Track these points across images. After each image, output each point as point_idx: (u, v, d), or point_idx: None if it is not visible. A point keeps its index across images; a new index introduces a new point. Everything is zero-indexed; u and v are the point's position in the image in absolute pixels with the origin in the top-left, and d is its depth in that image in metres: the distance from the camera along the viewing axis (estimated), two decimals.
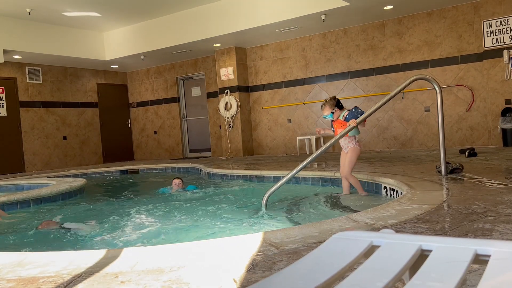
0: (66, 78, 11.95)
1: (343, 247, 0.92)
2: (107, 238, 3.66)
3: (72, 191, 6.08)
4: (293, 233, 2.37)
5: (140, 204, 5.25)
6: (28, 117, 11.05)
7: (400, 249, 0.85)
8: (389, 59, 9.19)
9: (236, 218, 3.98)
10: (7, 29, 9.45)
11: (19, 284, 1.88)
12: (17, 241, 3.78)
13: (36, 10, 9.08)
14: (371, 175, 4.84)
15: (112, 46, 11.38)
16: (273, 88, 10.79)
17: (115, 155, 12.97)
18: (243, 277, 1.74)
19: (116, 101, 13.24)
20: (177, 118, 12.62)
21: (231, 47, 10.78)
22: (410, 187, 3.69)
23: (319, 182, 5.64)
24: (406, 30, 8.96)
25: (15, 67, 10.80)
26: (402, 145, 9.18)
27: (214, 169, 7.42)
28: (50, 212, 5.04)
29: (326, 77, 10.00)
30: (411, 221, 2.51)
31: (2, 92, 10.60)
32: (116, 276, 1.88)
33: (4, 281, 1.94)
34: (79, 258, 2.21)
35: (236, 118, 10.87)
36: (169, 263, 2.00)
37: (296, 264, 0.89)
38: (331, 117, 4.57)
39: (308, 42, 10.18)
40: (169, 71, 12.63)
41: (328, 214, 3.97)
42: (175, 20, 10.21)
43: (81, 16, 9.83)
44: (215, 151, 11.89)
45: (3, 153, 10.50)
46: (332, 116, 4.55)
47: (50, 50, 10.26)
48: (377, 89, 9.34)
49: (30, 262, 2.20)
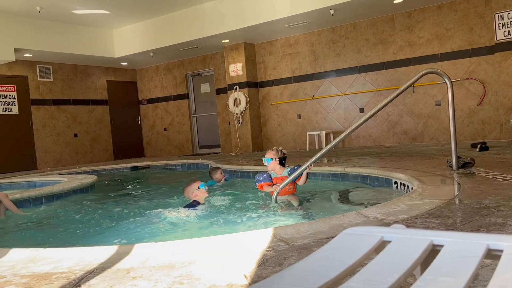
0: (77, 76, 12.03)
1: (353, 243, 0.92)
2: (118, 233, 3.69)
3: (83, 188, 6.14)
4: (304, 229, 2.37)
5: (150, 199, 5.28)
6: (40, 115, 11.16)
7: (411, 244, 0.84)
8: (399, 53, 9.12)
9: (246, 214, 3.99)
10: (18, 28, 9.53)
11: (33, 280, 1.90)
12: (29, 237, 3.83)
13: (46, 8, 9.14)
14: (382, 170, 4.82)
15: (121, 44, 11.43)
16: (282, 83, 10.77)
17: (126, 152, 13.06)
18: (254, 272, 1.74)
19: (126, 98, 13.31)
20: (186, 115, 12.65)
21: (240, 43, 10.77)
22: (421, 182, 3.67)
23: (329, 177, 5.62)
24: (416, 23, 8.87)
25: (26, 66, 10.90)
26: (412, 139, 9.11)
27: (224, 165, 7.43)
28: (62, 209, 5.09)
29: (335, 72, 9.95)
30: (422, 216, 2.49)
31: (14, 91, 10.71)
32: (128, 271, 1.90)
33: (18, 277, 1.96)
34: (91, 254, 2.23)
35: (245, 114, 10.87)
36: (180, 258, 2.01)
37: (307, 260, 0.89)
38: (268, 163, 4.41)
39: (317, 37, 10.13)
40: (178, 67, 12.66)
41: (338, 209, 3.96)
42: (184, 17, 10.22)
43: (91, 14, 9.88)
44: (225, 147, 11.91)
45: (16, 151, 10.63)
46: (269, 162, 4.39)
47: (60, 48, 10.34)
48: (387, 84, 9.27)
49: (43, 258, 2.23)
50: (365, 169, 5.15)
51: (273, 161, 4.40)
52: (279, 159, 4.39)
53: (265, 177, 4.41)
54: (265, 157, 4.45)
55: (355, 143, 9.82)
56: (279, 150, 4.45)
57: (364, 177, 5.12)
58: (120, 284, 1.74)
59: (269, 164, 4.43)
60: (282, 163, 4.43)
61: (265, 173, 4.48)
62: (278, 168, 4.42)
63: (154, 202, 5.04)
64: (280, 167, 4.42)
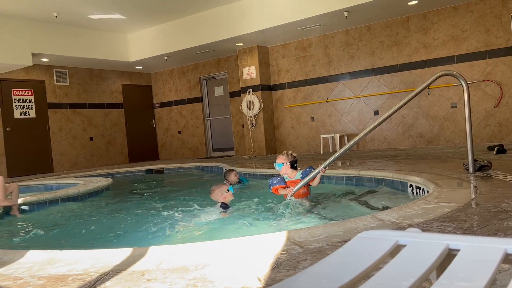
0: (92, 80, 12.19)
1: (368, 246, 0.91)
2: (133, 236, 3.73)
3: (99, 191, 6.20)
4: (317, 232, 2.36)
5: (166, 202, 5.31)
6: (56, 118, 11.32)
7: (427, 248, 0.83)
8: (414, 55, 9.04)
9: (259, 217, 3.99)
10: (35, 33, 9.70)
11: (49, 282, 1.93)
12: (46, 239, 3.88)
13: (63, 13, 9.29)
14: (397, 173, 4.77)
15: (136, 48, 11.55)
16: (296, 86, 10.75)
17: (141, 155, 13.16)
18: (268, 275, 1.74)
19: (140, 101, 13.43)
20: (200, 118, 12.72)
21: (253, 46, 10.80)
22: (436, 185, 3.62)
23: (343, 180, 5.59)
24: (431, 25, 8.79)
25: (43, 70, 11.08)
26: (428, 142, 9.01)
27: (238, 168, 7.44)
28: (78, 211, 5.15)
29: (349, 74, 9.91)
30: (438, 219, 2.46)
31: (31, 95, 10.89)
32: (143, 274, 1.91)
33: (35, 278, 1.99)
34: (106, 256, 2.26)
35: (258, 117, 10.88)
36: (194, 261, 2.02)
37: (321, 263, 0.88)
38: (279, 168, 4.41)
39: (330, 39, 10.10)
40: (192, 71, 12.73)
41: (352, 212, 3.93)
42: (198, 21, 10.28)
43: (107, 19, 10.01)
44: (238, 150, 11.93)
45: (33, 154, 10.80)
46: (281, 168, 4.39)
47: (76, 52, 10.49)
48: (402, 86, 9.20)
49: (60, 260, 2.26)
50: (380, 172, 5.11)
51: (284, 165, 4.39)
52: (290, 163, 4.38)
53: (279, 180, 4.40)
54: (276, 162, 4.45)
55: (370, 146, 9.75)
56: (289, 154, 4.44)
57: (379, 180, 5.08)
58: (135, 287, 1.75)
59: (280, 169, 4.43)
60: (294, 167, 4.42)
61: (278, 176, 4.48)
62: (290, 171, 4.42)
63: (168, 205, 5.07)
64: (292, 170, 4.42)
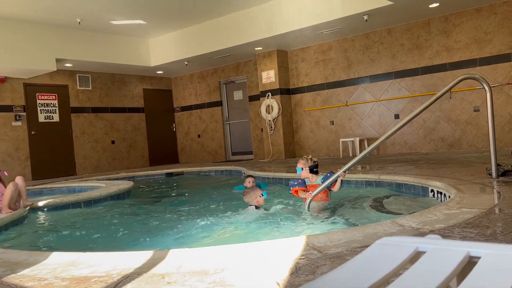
0: (114, 84, 12.39)
1: (387, 253, 0.91)
2: (154, 238, 3.77)
3: (120, 194, 6.29)
4: (337, 237, 2.35)
5: (186, 205, 5.36)
6: (79, 122, 11.54)
7: (447, 255, 0.83)
8: (436, 58, 8.92)
9: (278, 221, 3.99)
10: (59, 39, 9.93)
11: (73, 283, 1.97)
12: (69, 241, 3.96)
13: (85, 19, 9.48)
14: (418, 178, 4.71)
15: (157, 52, 11.70)
16: (315, 90, 10.72)
17: (161, 158, 13.31)
18: (286, 280, 1.75)
19: (161, 105, 13.59)
20: (220, 122, 12.79)
21: (273, 50, 10.82)
22: (458, 190, 3.57)
23: (363, 185, 5.55)
24: (453, 27, 8.66)
25: (67, 75, 11.32)
26: (450, 146, 8.87)
27: (256, 171, 7.46)
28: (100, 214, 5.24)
29: (369, 77, 9.84)
30: (459, 225, 2.43)
31: (55, 99, 11.14)
32: (163, 277, 1.93)
33: (59, 280, 2.04)
34: (127, 258, 2.29)
35: (277, 120, 10.88)
36: (213, 265, 2.03)
37: (340, 269, 0.89)
38: (299, 172, 4.44)
39: (350, 42, 10.05)
40: (212, 75, 12.83)
41: (372, 218, 3.90)
42: (218, 25, 10.36)
43: (128, 24, 10.17)
44: (257, 153, 11.95)
45: (57, 157, 11.03)
46: (300, 172, 4.41)
47: (99, 57, 10.69)
48: (423, 89, 9.08)
49: (82, 262, 2.31)
50: (401, 176, 5.06)
51: (304, 170, 4.41)
52: (310, 168, 4.39)
53: (300, 182, 4.41)
54: (296, 167, 4.48)
55: (390, 150, 9.65)
56: (309, 158, 4.45)
57: (399, 185, 5.02)
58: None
59: (300, 174, 4.45)
60: (314, 171, 4.42)
61: (299, 179, 4.48)
62: (310, 176, 4.42)
63: (188, 208, 5.11)
64: (312, 175, 4.42)
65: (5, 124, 10.18)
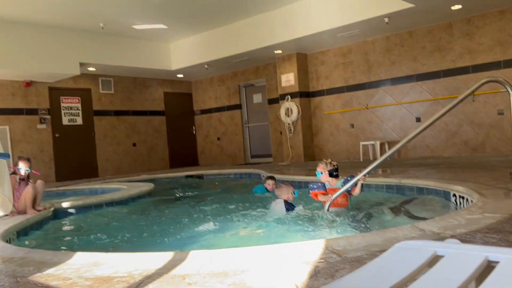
0: (136, 88, 12.58)
1: (405, 256, 0.92)
2: (174, 240, 3.82)
3: (141, 195, 6.38)
4: (356, 241, 2.34)
5: (206, 207, 5.40)
6: (101, 125, 11.75)
7: (465, 260, 0.83)
8: (458, 61, 8.78)
9: (298, 224, 3.99)
10: (83, 43, 10.14)
11: (96, 283, 2.02)
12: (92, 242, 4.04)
13: (108, 24, 9.66)
14: (440, 182, 4.65)
15: (178, 56, 11.83)
16: (335, 93, 10.68)
17: (181, 160, 13.43)
18: (305, 283, 1.76)
19: (181, 109, 13.73)
20: (239, 125, 12.84)
21: (292, 53, 10.82)
22: (481, 195, 3.51)
23: (383, 189, 5.50)
24: (476, 30, 8.52)
25: (90, 79, 11.54)
26: (473, 150, 8.71)
27: (276, 174, 7.45)
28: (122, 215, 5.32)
29: (390, 80, 9.75)
30: (481, 230, 2.39)
31: (78, 102, 11.37)
32: (183, 278, 1.97)
33: (83, 279, 2.09)
34: (149, 259, 2.34)
35: (297, 123, 10.87)
36: (233, 266, 2.06)
37: (358, 272, 0.90)
38: (318, 176, 4.44)
39: (371, 45, 9.99)
40: (232, 79, 12.90)
41: (392, 222, 3.87)
42: (237, 29, 10.43)
43: (150, 29, 10.32)
44: (276, 156, 11.95)
45: (79, 160, 11.24)
46: (319, 176, 4.42)
47: (121, 61, 10.88)
48: (445, 92, 8.95)
49: (105, 263, 2.36)
50: (422, 180, 5.00)
51: (323, 174, 4.41)
52: (329, 172, 4.38)
53: (319, 185, 4.41)
54: (316, 171, 4.49)
55: (412, 154, 9.54)
56: (328, 162, 4.45)
57: (420, 189, 4.97)
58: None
59: (320, 178, 4.44)
60: (334, 175, 4.41)
61: (319, 182, 4.48)
62: (330, 180, 4.41)
63: (208, 210, 5.15)
64: (332, 179, 4.41)
65: (30, 127, 10.44)
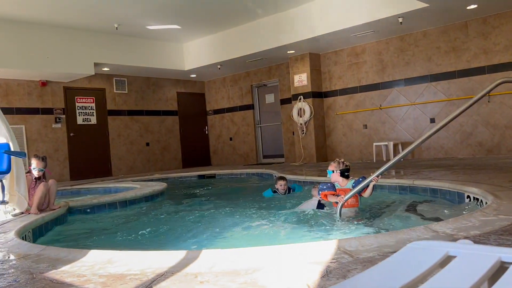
0: (149, 88, 12.67)
1: (417, 256, 0.92)
2: (187, 238, 3.84)
3: (154, 195, 6.43)
4: (368, 242, 2.34)
5: (218, 206, 5.43)
6: (115, 124, 11.86)
7: (478, 260, 0.83)
8: (473, 61, 8.68)
9: (309, 225, 3.98)
10: (98, 44, 10.26)
11: (109, 280, 2.05)
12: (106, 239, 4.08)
13: (123, 25, 9.75)
14: (454, 183, 4.61)
15: (191, 57, 11.89)
16: (348, 93, 10.63)
17: (193, 160, 13.49)
18: (317, 283, 1.76)
19: (194, 109, 13.80)
20: (251, 125, 12.86)
21: (305, 54, 10.80)
22: (496, 197, 3.47)
23: (396, 190, 5.46)
24: (492, 29, 8.41)
25: (104, 79, 11.66)
26: (488, 151, 8.60)
27: (287, 175, 7.45)
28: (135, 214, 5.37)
29: (404, 81, 9.67)
30: (496, 232, 2.37)
31: (93, 102, 11.49)
32: (196, 276, 1.98)
33: (97, 276, 2.12)
34: (161, 258, 2.36)
35: (309, 124, 10.85)
36: (245, 265, 2.07)
37: (370, 271, 0.90)
38: (329, 175, 4.43)
39: (384, 45, 9.92)
40: (244, 79, 12.92)
41: (405, 223, 3.84)
42: (250, 29, 10.44)
43: (163, 29, 10.39)
44: (288, 157, 11.94)
45: (93, 158, 11.36)
46: (330, 175, 4.40)
47: (135, 62, 10.97)
48: (460, 93, 8.85)
49: (118, 260, 2.38)
50: (436, 182, 4.96)
51: (334, 173, 4.39)
52: (341, 171, 4.36)
53: (329, 186, 4.39)
54: (328, 169, 4.47)
55: (425, 155, 9.45)
56: (341, 162, 4.43)
57: (434, 190, 4.92)
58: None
59: (330, 176, 4.42)
60: (345, 175, 4.39)
61: (329, 182, 4.46)
62: (341, 180, 4.39)
63: (220, 209, 5.17)
64: (343, 179, 4.39)
65: (46, 126, 10.58)
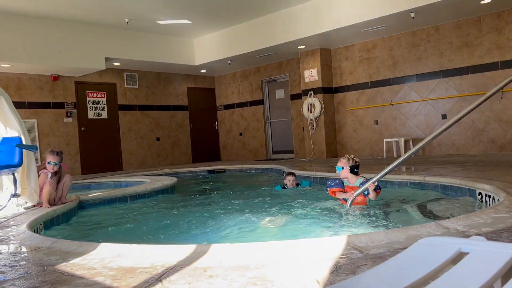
0: (160, 83, 12.71)
1: (429, 253, 0.90)
2: (196, 233, 3.86)
3: (164, 189, 6.46)
4: (378, 238, 2.32)
5: (227, 201, 5.44)
6: (126, 119, 11.92)
7: (491, 257, 0.81)
8: (486, 57, 8.56)
9: (319, 220, 3.97)
10: (109, 39, 10.30)
11: (119, 273, 2.06)
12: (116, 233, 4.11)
13: (133, 20, 9.78)
14: (465, 180, 4.56)
15: (201, 52, 11.90)
16: (359, 89, 10.56)
17: (203, 155, 13.53)
18: (326, 278, 1.75)
19: (204, 104, 13.82)
20: (261, 120, 12.85)
21: (316, 49, 10.74)
22: (508, 194, 3.43)
23: (407, 186, 5.42)
24: (506, 24, 8.29)
25: (115, 73, 11.72)
26: (500, 148, 8.50)
27: (297, 170, 7.44)
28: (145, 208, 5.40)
29: (416, 76, 9.58)
30: (508, 230, 2.34)
31: (104, 97, 11.56)
32: (205, 270, 1.99)
33: (107, 269, 2.14)
34: (171, 251, 2.37)
35: (319, 119, 10.80)
36: (254, 260, 2.07)
37: (380, 267, 0.89)
38: (339, 171, 4.40)
39: (396, 40, 9.83)
40: (254, 74, 12.90)
41: (416, 219, 3.81)
42: (261, 24, 10.41)
43: (174, 24, 10.41)
44: (298, 152, 11.92)
45: (104, 153, 11.45)
46: (340, 171, 4.37)
47: (145, 56, 11.01)
48: (472, 89, 8.75)
49: (128, 254, 2.40)
50: (447, 178, 4.91)
51: (344, 169, 4.36)
52: (350, 168, 4.33)
53: (337, 183, 4.36)
54: (337, 165, 4.44)
55: (437, 151, 9.37)
56: (351, 158, 4.40)
57: (445, 187, 4.88)
58: (197, 282, 1.83)
59: (340, 172, 4.40)
60: (354, 172, 4.36)
61: (337, 179, 4.44)
62: (350, 176, 4.36)
63: (230, 204, 5.18)
64: (352, 176, 4.36)
65: (57, 121, 10.67)
